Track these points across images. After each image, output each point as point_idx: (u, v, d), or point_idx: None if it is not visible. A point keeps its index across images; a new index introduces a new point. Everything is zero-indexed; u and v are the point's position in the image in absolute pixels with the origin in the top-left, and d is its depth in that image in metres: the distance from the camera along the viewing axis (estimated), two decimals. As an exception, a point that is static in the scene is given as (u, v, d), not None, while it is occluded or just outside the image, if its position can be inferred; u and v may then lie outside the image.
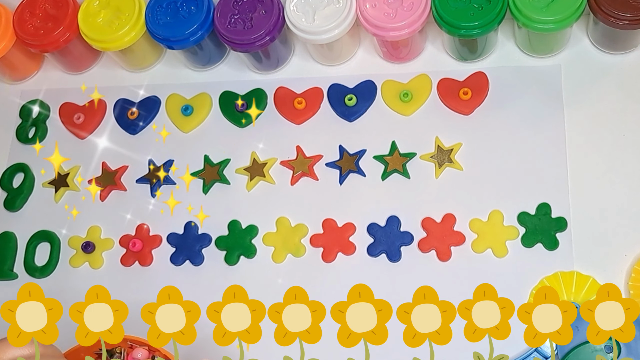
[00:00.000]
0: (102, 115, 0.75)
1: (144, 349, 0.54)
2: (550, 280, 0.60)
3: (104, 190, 0.71)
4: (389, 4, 0.65)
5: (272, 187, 0.69)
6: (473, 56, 0.69)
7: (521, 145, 0.65)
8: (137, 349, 0.54)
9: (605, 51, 0.67)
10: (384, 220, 0.65)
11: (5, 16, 0.74)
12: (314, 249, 0.65)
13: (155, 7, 0.70)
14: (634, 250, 0.60)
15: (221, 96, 0.73)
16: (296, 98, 0.71)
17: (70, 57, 0.76)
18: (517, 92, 0.67)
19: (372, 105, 0.70)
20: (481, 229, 0.63)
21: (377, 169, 0.67)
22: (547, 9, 0.62)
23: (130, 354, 0.54)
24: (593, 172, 0.63)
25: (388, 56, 0.71)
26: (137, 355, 0.54)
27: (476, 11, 0.63)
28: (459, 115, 0.68)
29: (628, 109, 0.65)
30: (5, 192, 0.74)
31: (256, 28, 0.67)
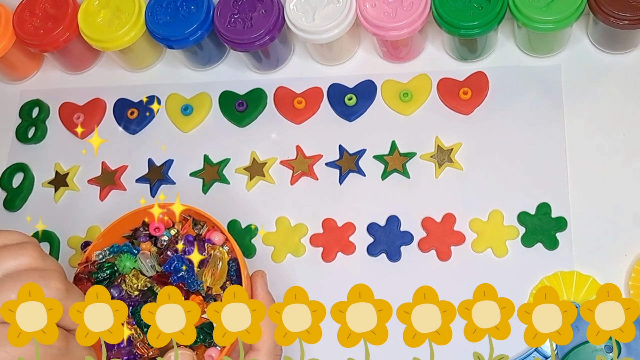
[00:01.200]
0: (102, 115, 0.75)
1: (221, 234, 0.57)
2: (550, 280, 0.60)
3: (104, 190, 0.71)
4: (389, 4, 0.65)
5: (272, 187, 0.69)
6: (473, 56, 0.69)
7: (521, 145, 0.65)
8: (215, 232, 0.57)
9: (605, 51, 0.67)
10: (384, 220, 0.65)
11: (5, 16, 0.74)
12: (314, 248, 0.65)
13: (155, 7, 0.70)
14: (634, 250, 0.60)
15: (221, 96, 0.73)
16: (296, 98, 0.71)
17: (70, 57, 0.76)
18: (517, 92, 0.67)
19: (372, 105, 0.70)
20: (481, 228, 0.63)
21: (377, 169, 0.67)
22: (547, 9, 0.62)
23: (209, 234, 0.57)
24: (593, 172, 0.63)
25: (388, 56, 0.71)
26: (215, 238, 0.57)
27: (476, 11, 0.63)
28: (458, 115, 0.68)
29: (628, 109, 0.65)
30: (4, 192, 0.74)
31: (256, 28, 0.67)
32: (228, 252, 0.57)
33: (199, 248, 0.56)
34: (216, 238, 0.57)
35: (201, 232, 0.58)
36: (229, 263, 0.56)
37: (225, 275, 0.55)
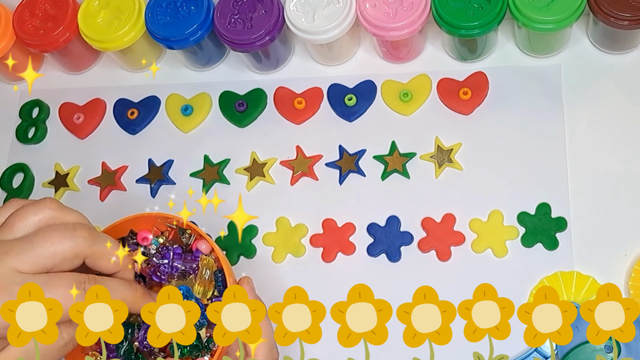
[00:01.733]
0: (102, 115, 0.75)
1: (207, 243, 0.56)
2: (550, 280, 0.60)
3: (104, 191, 0.71)
4: (388, 4, 0.65)
5: (272, 187, 0.69)
6: (473, 56, 0.69)
7: (521, 145, 0.65)
8: (202, 241, 0.56)
9: (605, 51, 0.67)
10: (384, 220, 0.65)
11: (5, 16, 0.74)
12: (314, 249, 0.65)
13: (155, 7, 0.70)
14: (634, 250, 0.60)
15: (221, 96, 0.73)
16: (296, 98, 0.71)
17: (70, 57, 0.76)
18: (517, 92, 0.67)
19: (372, 105, 0.70)
20: (481, 228, 0.63)
21: (377, 169, 0.67)
22: (547, 9, 0.62)
23: (196, 243, 0.56)
24: (593, 172, 0.63)
25: (388, 56, 0.71)
26: (202, 246, 0.56)
27: (476, 11, 0.63)
28: (458, 115, 0.68)
29: (628, 109, 0.65)
30: (5, 193, 0.74)
31: (256, 28, 0.67)
32: (215, 260, 0.56)
33: (189, 259, 0.55)
34: (203, 246, 0.56)
35: (189, 242, 0.57)
36: (215, 273, 0.55)
37: (213, 284, 0.55)
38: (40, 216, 0.49)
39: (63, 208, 0.50)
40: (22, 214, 0.48)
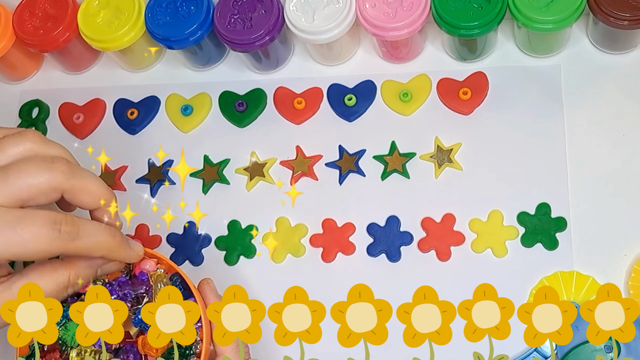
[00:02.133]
0: (101, 115, 0.75)
1: (152, 261, 0.54)
2: (550, 280, 0.60)
3: (104, 190, 0.71)
4: (388, 4, 0.65)
5: (272, 187, 0.69)
6: (473, 56, 0.69)
7: (521, 145, 0.65)
8: (146, 260, 0.54)
9: (605, 51, 0.67)
10: (384, 220, 0.65)
11: (5, 16, 0.74)
12: (314, 249, 0.65)
13: (155, 7, 0.70)
14: (634, 250, 0.60)
15: (221, 96, 0.73)
16: (296, 98, 0.71)
17: (69, 57, 0.76)
18: (517, 92, 0.67)
19: (372, 105, 0.70)
20: (481, 228, 0.63)
21: (376, 169, 0.67)
22: (547, 9, 0.62)
23: (139, 265, 0.54)
24: (593, 172, 0.63)
25: (388, 56, 0.71)
26: (145, 266, 0.54)
27: (476, 11, 0.63)
28: (458, 115, 0.68)
29: (628, 109, 0.65)
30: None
31: (256, 28, 0.67)
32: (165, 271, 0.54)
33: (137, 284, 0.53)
34: (147, 266, 0.54)
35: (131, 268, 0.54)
36: (172, 278, 0.54)
37: None
38: (20, 148, 0.47)
39: (45, 141, 0.48)
40: (2, 145, 0.46)
